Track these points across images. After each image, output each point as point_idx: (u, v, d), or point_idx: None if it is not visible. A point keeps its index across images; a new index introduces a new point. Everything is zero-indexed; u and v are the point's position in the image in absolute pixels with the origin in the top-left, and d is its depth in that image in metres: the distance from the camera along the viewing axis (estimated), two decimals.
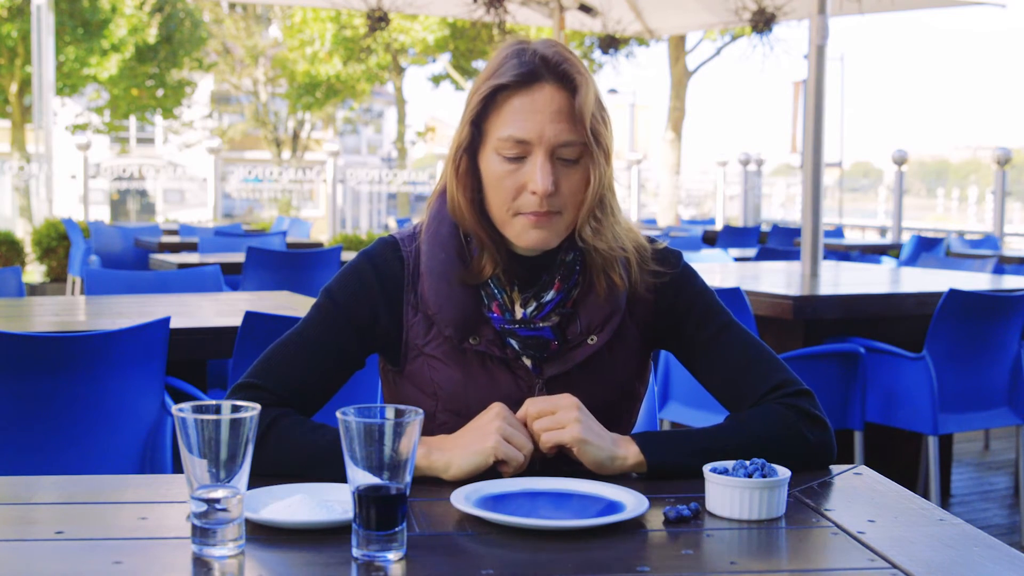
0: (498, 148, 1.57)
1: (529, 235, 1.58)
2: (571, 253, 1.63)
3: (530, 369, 1.63)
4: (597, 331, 1.62)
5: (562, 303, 1.62)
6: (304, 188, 20.61)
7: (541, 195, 1.54)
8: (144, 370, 2.64)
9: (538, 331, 1.61)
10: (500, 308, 1.61)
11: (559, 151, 1.56)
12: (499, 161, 1.57)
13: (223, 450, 1.18)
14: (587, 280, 1.63)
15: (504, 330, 1.61)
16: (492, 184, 1.59)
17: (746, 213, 14.25)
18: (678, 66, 17.94)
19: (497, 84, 1.57)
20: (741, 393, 1.64)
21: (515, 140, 1.55)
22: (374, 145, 39.51)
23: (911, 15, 62.57)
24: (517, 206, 1.57)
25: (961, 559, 1.23)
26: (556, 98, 1.55)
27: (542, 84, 1.56)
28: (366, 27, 9.20)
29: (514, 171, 1.56)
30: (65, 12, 17.92)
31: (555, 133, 1.55)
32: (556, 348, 1.62)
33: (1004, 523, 4.32)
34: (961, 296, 3.69)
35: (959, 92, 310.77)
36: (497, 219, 1.61)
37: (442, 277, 1.60)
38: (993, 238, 8.96)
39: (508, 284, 1.62)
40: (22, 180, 13.60)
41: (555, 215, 1.58)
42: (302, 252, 5.63)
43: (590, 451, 1.49)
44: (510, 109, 1.56)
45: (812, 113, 5.01)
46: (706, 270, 5.09)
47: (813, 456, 1.58)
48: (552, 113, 1.55)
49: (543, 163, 1.55)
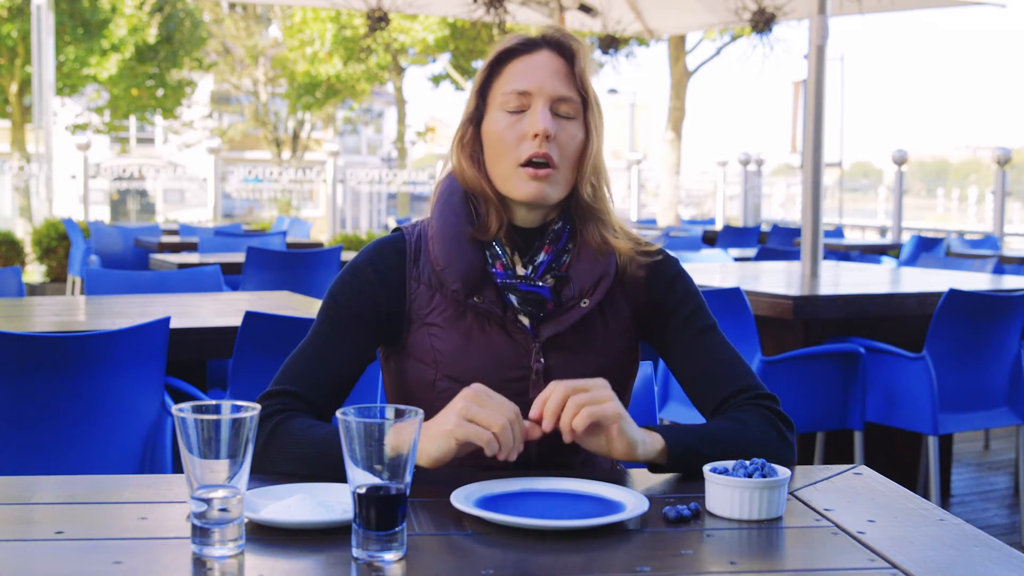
0: (502, 104, 1.70)
1: (528, 186, 1.67)
2: (560, 222, 1.73)
3: (527, 331, 1.68)
4: (589, 295, 1.70)
5: (554, 264, 1.71)
6: (304, 188, 20.59)
7: (541, 135, 1.65)
8: (144, 370, 2.64)
9: (537, 288, 1.69)
10: (503, 266, 1.70)
11: (557, 106, 1.68)
12: (502, 116, 1.69)
13: (223, 450, 1.19)
14: (578, 247, 1.72)
15: (506, 285, 1.68)
16: (495, 140, 1.70)
17: (746, 213, 14.26)
18: (678, 66, 17.93)
19: (502, 49, 1.72)
20: (712, 388, 1.72)
21: (517, 92, 1.68)
22: (374, 145, 39.50)
23: (911, 15, 62.60)
24: (518, 154, 1.68)
25: (961, 559, 1.23)
26: (555, 61, 1.70)
27: (542, 49, 1.71)
28: (366, 27, 9.21)
29: (516, 122, 1.68)
30: (65, 12, 17.92)
31: (554, 87, 1.68)
32: (552, 308, 1.69)
33: (1004, 523, 4.32)
34: (961, 296, 3.69)
35: (959, 92, 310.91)
36: (500, 175, 1.71)
37: (453, 236, 1.69)
38: (993, 238, 8.96)
39: (510, 248, 1.71)
40: (22, 180, 13.59)
41: (553, 171, 1.67)
42: (302, 252, 5.63)
43: (627, 429, 1.51)
44: (512, 70, 1.71)
45: (812, 113, 5.01)
46: (706, 270, 5.09)
47: (790, 455, 1.66)
48: (551, 71, 1.69)
49: (542, 108, 1.67)
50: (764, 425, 1.65)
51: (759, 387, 1.72)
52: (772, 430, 1.64)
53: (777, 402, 1.71)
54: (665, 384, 3.89)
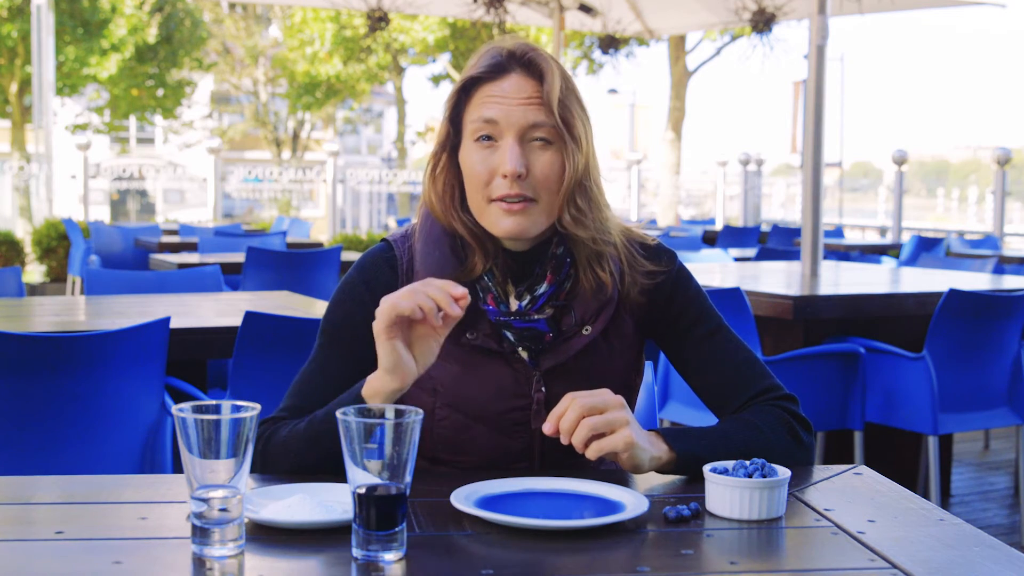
0: (472, 133, 1.61)
1: (503, 223, 1.59)
2: (561, 247, 1.65)
3: (527, 362, 1.63)
4: (591, 322, 1.64)
5: (555, 295, 1.64)
6: (304, 188, 20.60)
7: (510, 176, 1.57)
8: (144, 370, 2.64)
9: (533, 323, 1.62)
10: (495, 300, 1.63)
11: (530, 133, 1.59)
12: (474, 149, 1.61)
13: (223, 450, 1.19)
14: (577, 273, 1.65)
15: (500, 322, 1.62)
16: (468, 174, 1.62)
17: (746, 213, 14.26)
18: (678, 66, 17.94)
19: (469, 76, 1.63)
20: (729, 395, 1.68)
21: (484, 120, 1.59)
22: (374, 145, 39.48)
23: (911, 15, 62.61)
24: (490, 191, 1.60)
25: (961, 559, 1.23)
26: (524, 85, 1.61)
27: (509, 74, 1.61)
28: (366, 27, 9.20)
29: (487, 157, 1.60)
30: (65, 12, 17.92)
31: (523, 115, 1.59)
32: (551, 340, 1.63)
33: (1004, 523, 4.32)
34: (961, 296, 3.69)
35: (959, 92, 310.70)
36: (475, 210, 1.63)
37: (437, 275, 1.60)
38: (993, 238, 8.96)
39: (502, 278, 1.64)
40: (22, 180, 13.59)
41: (529, 202, 1.59)
42: (302, 252, 5.63)
43: (637, 455, 1.48)
44: (481, 97, 1.62)
45: (812, 113, 5.01)
46: (706, 270, 5.09)
47: (805, 456, 1.63)
48: (521, 98, 1.60)
49: (512, 145, 1.58)
50: (777, 427, 1.61)
51: (776, 388, 1.68)
52: (785, 433, 1.61)
53: (795, 402, 1.67)
54: (665, 384, 3.89)
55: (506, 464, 1.63)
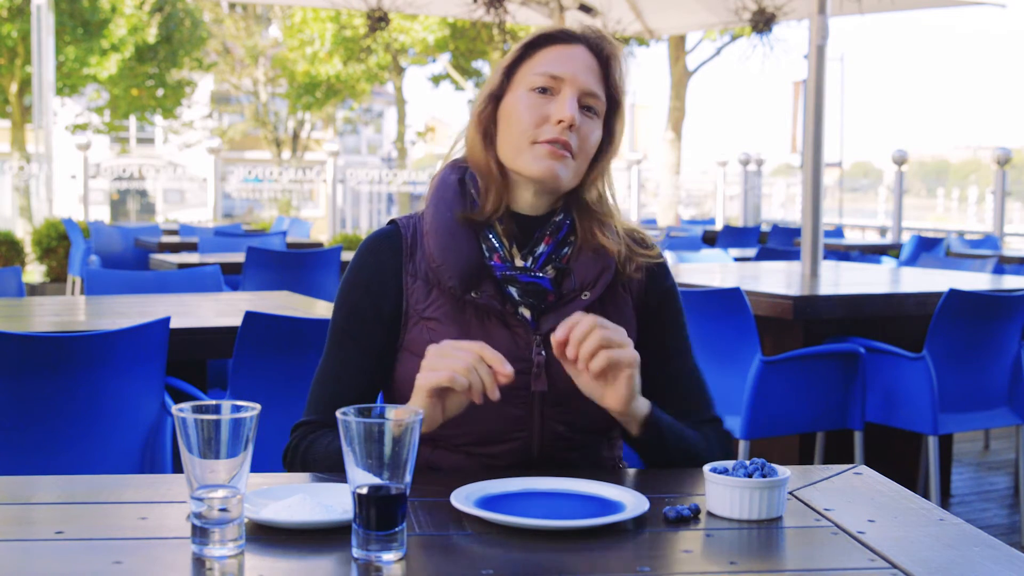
0: (530, 83, 1.68)
1: (543, 163, 1.66)
2: (561, 214, 1.73)
3: (528, 324, 1.67)
4: (590, 288, 1.70)
5: (554, 256, 1.70)
6: (304, 188, 20.62)
7: (567, 121, 1.64)
8: (144, 370, 2.64)
9: (537, 278, 1.69)
10: (501, 259, 1.69)
11: (585, 99, 1.68)
12: (526, 95, 1.68)
13: (223, 450, 1.19)
14: (579, 241, 1.72)
15: (505, 277, 1.68)
16: (515, 117, 1.68)
17: (746, 213, 14.26)
18: (678, 66, 17.93)
19: (541, 33, 1.72)
20: (682, 412, 1.73)
21: (550, 75, 1.67)
22: (374, 145, 39.48)
23: (911, 15, 62.57)
24: (537, 134, 1.66)
25: (961, 559, 1.23)
26: (590, 59, 1.70)
27: (579, 44, 1.71)
28: (366, 27, 9.21)
29: (540, 105, 1.67)
30: (65, 12, 17.92)
31: (586, 80, 1.68)
32: (553, 300, 1.69)
33: (1004, 523, 4.32)
34: (961, 296, 3.69)
35: (959, 92, 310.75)
36: (511, 152, 1.69)
37: (447, 230, 1.68)
38: (993, 238, 8.96)
39: (507, 239, 1.71)
40: (22, 180, 13.60)
41: (568, 156, 1.66)
42: (302, 252, 5.63)
43: (637, 377, 1.55)
44: (547, 55, 1.70)
45: (812, 113, 5.01)
46: (706, 270, 5.10)
47: None
48: (585, 65, 1.69)
49: (571, 98, 1.66)
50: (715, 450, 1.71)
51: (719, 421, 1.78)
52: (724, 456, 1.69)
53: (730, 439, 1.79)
54: None
55: (504, 436, 1.65)
